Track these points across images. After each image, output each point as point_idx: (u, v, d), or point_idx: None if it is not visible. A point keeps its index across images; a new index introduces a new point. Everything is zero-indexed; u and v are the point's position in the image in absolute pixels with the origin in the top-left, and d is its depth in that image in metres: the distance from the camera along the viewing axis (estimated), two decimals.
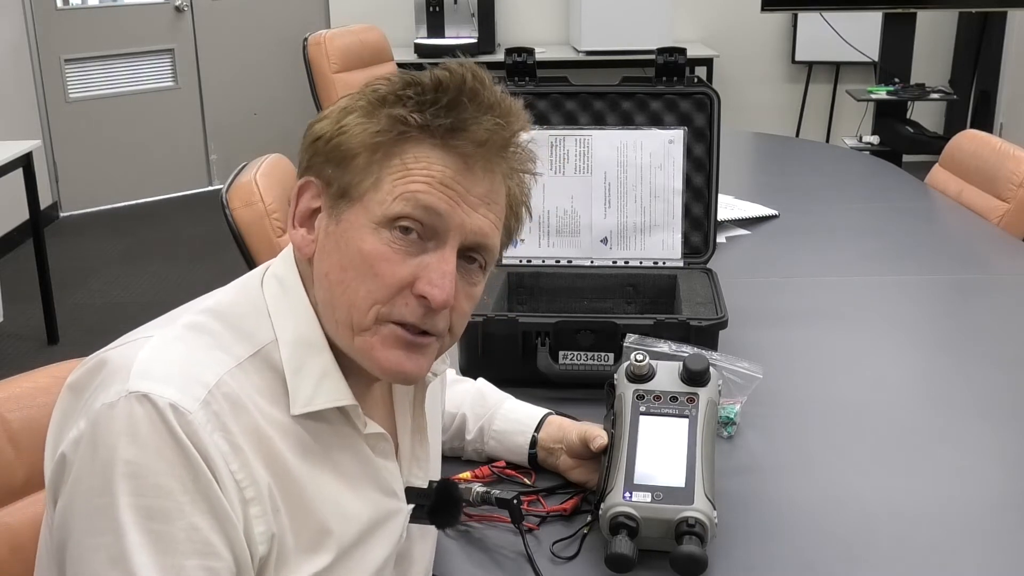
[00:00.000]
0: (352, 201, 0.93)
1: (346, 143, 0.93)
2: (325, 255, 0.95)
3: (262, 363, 0.92)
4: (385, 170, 0.92)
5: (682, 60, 1.80)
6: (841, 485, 1.32)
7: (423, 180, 0.92)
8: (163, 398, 0.84)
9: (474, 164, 0.93)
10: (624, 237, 1.79)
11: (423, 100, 0.92)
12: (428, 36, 5.35)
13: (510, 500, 1.18)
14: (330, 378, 0.95)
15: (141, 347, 0.88)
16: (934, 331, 1.89)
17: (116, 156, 5.50)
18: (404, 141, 0.92)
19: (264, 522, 0.88)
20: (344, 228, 0.93)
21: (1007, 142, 2.61)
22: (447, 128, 0.92)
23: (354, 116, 0.93)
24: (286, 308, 0.96)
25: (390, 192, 0.92)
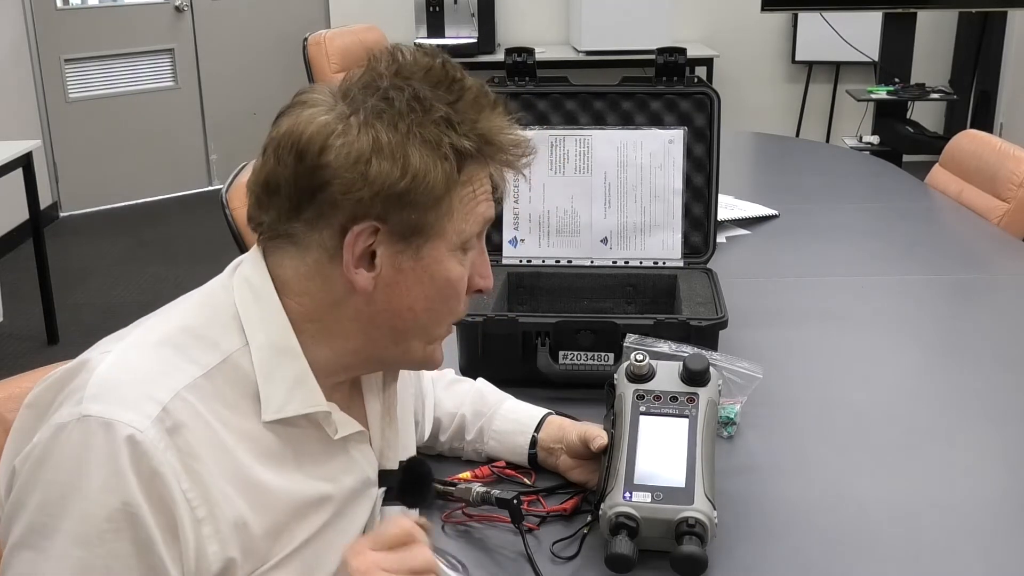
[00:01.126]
0: (431, 236, 0.94)
1: (427, 189, 0.92)
2: (402, 290, 0.96)
3: (231, 369, 0.92)
4: (455, 199, 0.95)
5: (682, 60, 1.80)
6: (841, 485, 1.32)
7: (485, 199, 0.98)
8: (114, 421, 0.83)
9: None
10: (624, 237, 1.79)
11: (455, 103, 0.94)
12: (428, 36, 5.35)
13: (510, 500, 1.18)
14: (304, 385, 0.95)
15: (98, 364, 0.88)
16: (934, 331, 1.89)
17: (116, 156, 5.50)
18: (465, 165, 0.95)
19: (217, 540, 0.88)
20: (428, 263, 0.96)
21: (1007, 142, 2.61)
22: (485, 141, 0.95)
23: (419, 156, 0.91)
24: (257, 315, 0.95)
25: (463, 219, 0.96)
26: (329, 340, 0.96)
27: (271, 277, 0.96)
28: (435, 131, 0.92)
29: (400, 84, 0.93)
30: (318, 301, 0.95)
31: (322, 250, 0.93)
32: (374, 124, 0.90)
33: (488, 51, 5.36)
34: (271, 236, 0.96)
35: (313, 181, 0.91)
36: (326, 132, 0.90)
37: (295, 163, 0.91)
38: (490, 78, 1.81)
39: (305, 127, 0.91)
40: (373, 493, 1.05)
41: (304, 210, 0.92)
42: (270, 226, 0.95)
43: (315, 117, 0.91)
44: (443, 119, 0.92)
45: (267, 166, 0.93)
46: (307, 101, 0.94)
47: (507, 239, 1.80)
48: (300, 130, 0.91)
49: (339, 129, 0.90)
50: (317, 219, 0.92)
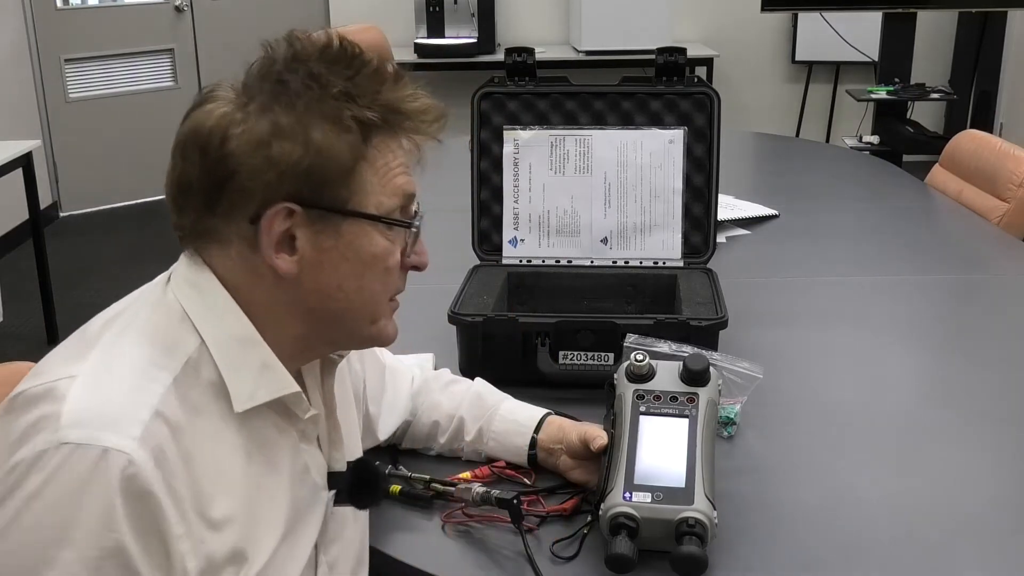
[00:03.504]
0: (348, 212, 0.94)
1: (333, 164, 0.92)
2: (328, 270, 0.95)
3: (194, 370, 0.91)
4: (366, 173, 0.94)
5: (682, 60, 1.80)
6: (841, 485, 1.32)
7: (400, 171, 0.96)
8: (99, 445, 0.81)
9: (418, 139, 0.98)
10: (624, 237, 1.79)
11: (372, 91, 0.94)
12: (428, 36, 5.35)
13: (510, 500, 1.18)
14: (271, 369, 0.95)
15: (68, 390, 0.85)
16: (934, 331, 1.89)
17: (116, 156, 5.50)
18: (370, 134, 0.94)
19: (194, 556, 0.87)
20: (350, 239, 0.94)
21: (1007, 142, 2.61)
22: (389, 110, 0.94)
23: (321, 133, 0.91)
24: (206, 309, 0.94)
25: (381, 192, 0.95)
26: (274, 329, 0.96)
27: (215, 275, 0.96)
28: (334, 105, 0.92)
29: (295, 66, 0.93)
30: (252, 292, 0.95)
31: (242, 241, 0.93)
32: (272, 108, 0.91)
33: (488, 51, 5.36)
34: (194, 237, 0.96)
35: (220, 173, 0.91)
36: (225, 123, 0.91)
37: (200, 159, 0.92)
38: (490, 78, 1.81)
39: (205, 121, 0.92)
40: (322, 497, 1.04)
41: (218, 204, 0.92)
42: (192, 228, 0.95)
43: (215, 111, 0.92)
44: (342, 93, 0.92)
45: (176, 168, 0.94)
46: (207, 98, 0.95)
47: (507, 239, 1.80)
48: (200, 125, 0.92)
49: (238, 118, 0.91)
50: (231, 210, 0.92)
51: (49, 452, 0.81)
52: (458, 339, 1.58)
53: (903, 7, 4.57)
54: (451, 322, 1.56)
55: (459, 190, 1.84)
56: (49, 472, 0.81)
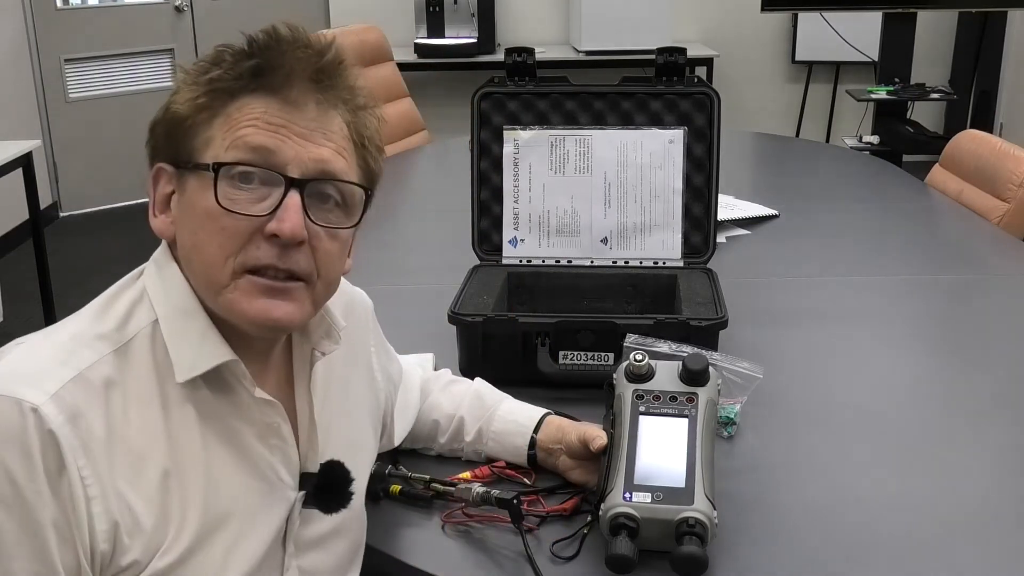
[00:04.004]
0: (194, 167, 0.94)
1: (175, 116, 0.95)
2: (181, 228, 0.97)
3: (145, 343, 0.93)
4: (214, 128, 0.95)
5: (682, 60, 1.80)
6: (841, 485, 1.32)
7: (248, 124, 0.94)
8: (10, 395, 0.84)
9: (294, 97, 0.95)
10: (624, 237, 1.79)
11: (237, 58, 0.95)
12: (428, 36, 5.35)
13: (510, 500, 1.18)
14: (208, 340, 0.95)
15: (10, 351, 0.91)
16: (934, 331, 1.89)
17: (116, 156, 5.50)
18: (225, 97, 0.95)
19: (106, 519, 0.87)
20: (189, 194, 0.95)
21: (1007, 142, 2.61)
22: (255, 70, 0.94)
23: (179, 94, 0.96)
24: (160, 287, 0.97)
25: (221, 146, 0.94)
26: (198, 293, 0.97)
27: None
28: (202, 72, 0.95)
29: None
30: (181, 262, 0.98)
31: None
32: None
33: (488, 51, 5.36)
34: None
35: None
36: None
37: None
38: (490, 78, 1.81)
39: None
40: (288, 496, 1.02)
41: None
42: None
43: None
44: (215, 60, 0.96)
45: None
46: None
47: (507, 239, 1.80)
48: None
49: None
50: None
51: None
52: (458, 339, 1.58)
53: (903, 7, 4.58)
54: (451, 322, 1.56)
55: (459, 190, 1.84)
56: None
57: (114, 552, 0.88)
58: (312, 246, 0.95)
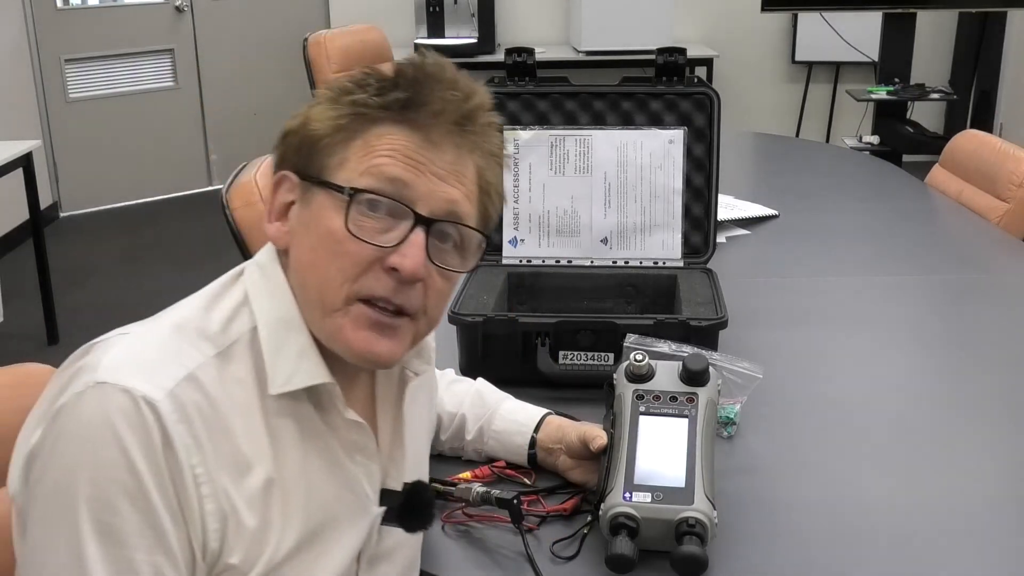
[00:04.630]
0: (324, 184, 0.94)
1: (312, 132, 0.96)
2: (298, 241, 0.97)
3: (245, 349, 0.93)
4: (350, 151, 0.95)
5: (682, 60, 1.80)
6: (841, 485, 1.32)
7: (386, 154, 0.94)
8: (130, 388, 0.84)
9: (436, 137, 0.95)
10: (624, 237, 1.79)
11: (383, 85, 0.95)
12: (428, 36, 5.35)
13: (510, 500, 1.18)
14: (307, 358, 0.95)
15: (116, 343, 0.90)
16: (934, 331, 1.89)
17: (116, 156, 5.51)
18: (366, 122, 0.95)
19: (217, 518, 0.88)
20: (314, 210, 0.95)
21: (1007, 142, 2.61)
22: (403, 103, 0.94)
23: (319, 108, 0.97)
24: (265, 292, 0.97)
25: (355, 169, 0.94)
26: (305, 314, 0.97)
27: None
28: (345, 92, 0.96)
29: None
30: (288, 273, 0.98)
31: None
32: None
33: (488, 51, 5.36)
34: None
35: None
36: None
37: None
38: (490, 78, 1.81)
39: None
40: (371, 511, 1.03)
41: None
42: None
43: None
44: (360, 82, 0.96)
45: None
46: None
47: (507, 239, 1.80)
48: None
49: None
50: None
51: (86, 392, 0.85)
52: (458, 339, 1.58)
53: (903, 7, 4.58)
54: (451, 322, 1.56)
55: None
56: (82, 409, 0.84)
57: (221, 551, 0.89)
58: (426, 284, 0.95)
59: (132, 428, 0.84)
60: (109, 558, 0.83)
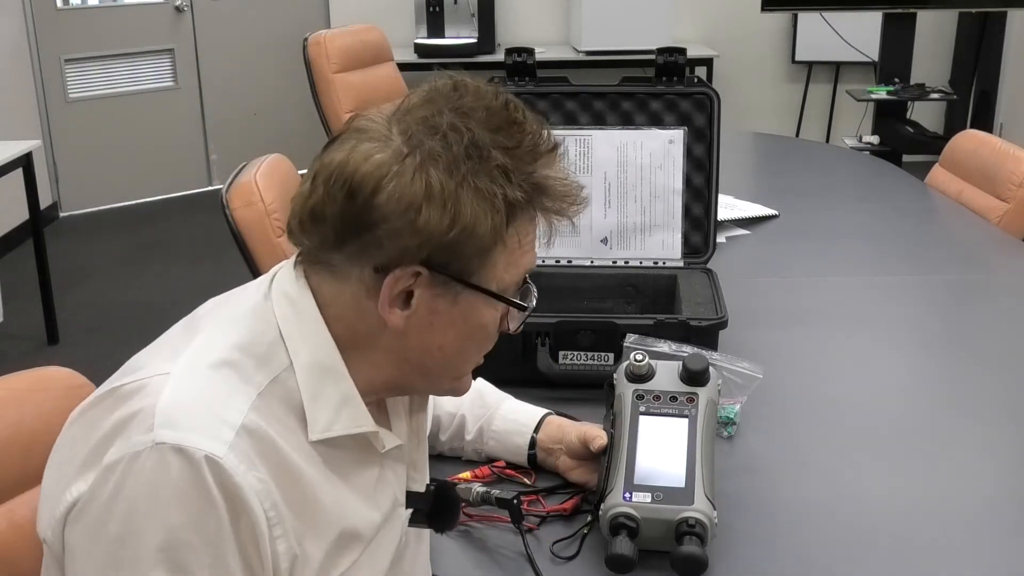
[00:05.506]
0: (471, 284, 0.93)
1: (473, 242, 0.90)
2: (435, 331, 0.94)
3: (280, 388, 0.91)
4: (501, 250, 0.93)
5: (682, 60, 1.80)
6: (841, 485, 1.32)
7: (531, 249, 0.97)
8: (193, 448, 0.82)
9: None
10: (624, 237, 1.79)
11: (514, 151, 0.91)
12: (428, 36, 5.35)
13: (510, 500, 1.18)
14: (351, 405, 0.94)
15: (161, 387, 0.86)
16: (934, 331, 1.89)
17: (116, 156, 5.50)
18: (515, 217, 0.93)
19: (288, 557, 0.88)
20: (464, 308, 0.94)
21: (1007, 142, 2.61)
22: (538, 191, 0.93)
23: (470, 203, 0.89)
24: (299, 332, 0.93)
25: (506, 270, 0.94)
26: (361, 367, 0.95)
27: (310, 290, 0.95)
28: (489, 182, 0.89)
29: (459, 126, 0.89)
30: (352, 330, 0.94)
31: (360, 284, 0.92)
32: (429, 169, 0.88)
33: (488, 51, 5.36)
34: (311, 261, 0.94)
35: (361, 220, 0.89)
36: (380, 173, 0.88)
37: (345, 200, 0.89)
38: (490, 78, 1.81)
39: (359, 164, 0.88)
40: (401, 514, 1.04)
41: (347, 244, 0.90)
42: (310, 252, 0.93)
43: (371, 154, 0.89)
44: (499, 168, 0.89)
45: (315, 195, 0.91)
46: (363, 129, 0.91)
47: None
48: (354, 167, 0.88)
49: (394, 171, 0.88)
50: (359, 255, 0.91)
51: (144, 453, 0.82)
52: None
53: (903, 7, 4.58)
54: None
55: None
56: (142, 471, 0.82)
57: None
58: None
59: (199, 489, 0.82)
60: None
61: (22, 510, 1.11)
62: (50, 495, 0.88)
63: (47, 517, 0.88)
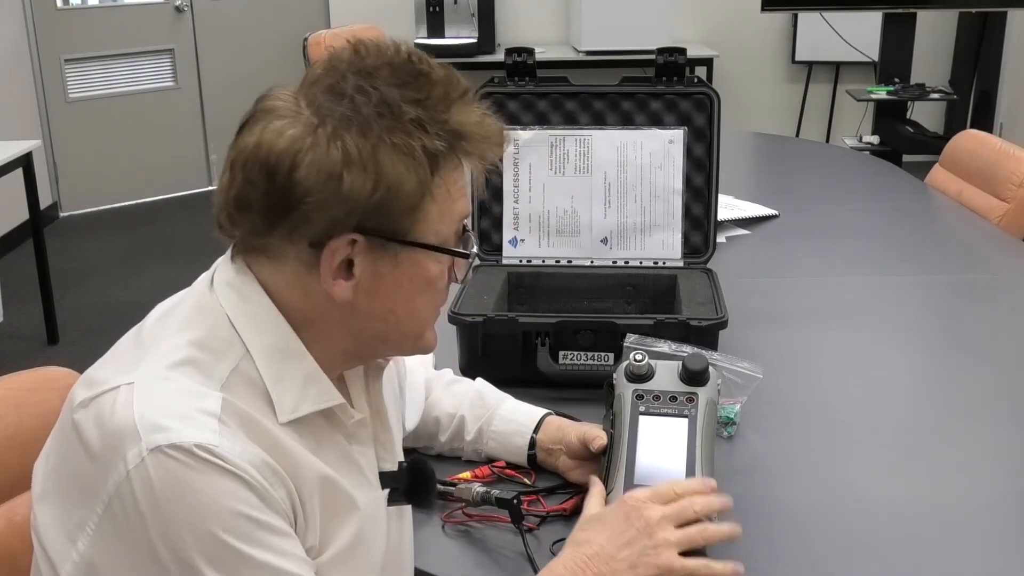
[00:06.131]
0: (407, 241, 0.93)
1: (402, 197, 0.90)
2: (382, 295, 0.94)
3: (241, 377, 0.91)
4: (431, 202, 0.93)
5: (682, 60, 1.80)
6: (841, 485, 1.32)
7: (461, 196, 0.96)
8: (188, 442, 0.83)
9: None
10: (624, 237, 1.79)
11: (425, 102, 0.91)
12: (428, 36, 5.35)
13: (510, 500, 1.18)
14: (316, 382, 0.95)
15: (130, 398, 0.86)
16: (934, 331, 1.89)
17: (116, 156, 5.51)
18: (439, 167, 0.92)
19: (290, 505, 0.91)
20: (406, 266, 0.94)
21: (1007, 142, 2.61)
22: (457, 136, 0.93)
23: (390, 161, 0.89)
24: (249, 319, 0.93)
25: (440, 220, 0.94)
26: (318, 343, 0.96)
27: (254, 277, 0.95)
28: (405, 137, 0.89)
29: (366, 87, 0.89)
30: (302, 309, 0.94)
31: (299, 263, 0.92)
32: (342, 135, 0.88)
33: (488, 51, 5.36)
34: (245, 250, 0.94)
35: (285, 199, 0.88)
36: (295, 148, 0.87)
37: (265, 182, 0.88)
38: (490, 78, 1.81)
39: (273, 143, 0.88)
40: (379, 495, 1.04)
41: (277, 226, 0.90)
42: (244, 241, 0.93)
43: (283, 131, 0.88)
44: (413, 121, 0.89)
45: (234, 184, 0.91)
46: (271, 110, 0.91)
47: (507, 239, 1.80)
48: (268, 147, 0.88)
49: (308, 143, 0.88)
50: (291, 233, 0.90)
51: (144, 462, 0.83)
52: (458, 339, 1.58)
53: (903, 7, 4.58)
54: (451, 322, 1.56)
55: None
56: (151, 479, 0.82)
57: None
58: None
59: (208, 477, 0.83)
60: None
61: (22, 510, 1.11)
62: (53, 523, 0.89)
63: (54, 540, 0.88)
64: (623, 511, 1.04)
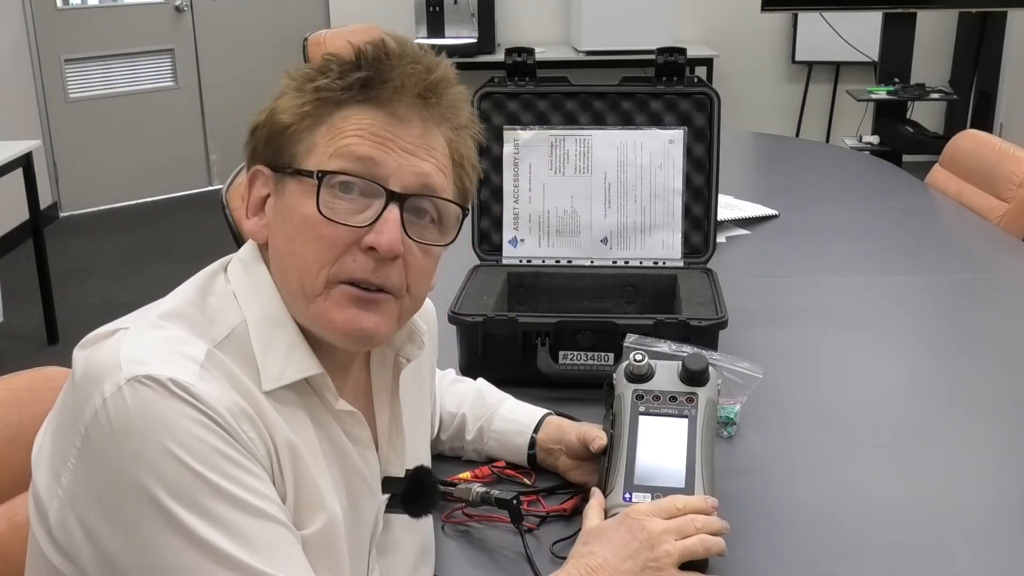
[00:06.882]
0: (294, 172, 0.95)
1: (279, 122, 0.96)
2: (276, 233, 0.97)
3: (234, 345, 0.93)
4: (317, 136, 0.95)
5: (682, 60, 1.80)
6: (841, 485, 1.32)
7: (353, 134, 0.94)
8: (165, 376, 0.84)
9: (401, 111, 0.95)
10: (624, 237, 1.79)
11: (344, 68, 0.95)
12: (428, 36, 5.35)
13: (510, 500, 1.18)
14: (297, 350, 0.95)
15: (120, 339, 0.89)
16: (934, 331, 1.89)
17: (116, 156, 5.51)
18: (331, 106, 0.95)
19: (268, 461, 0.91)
20: (288, 200, 0.95)
21: (1007, 142, 2.61)
22: (364, 82, 0.94)
23: (284, 99, 0.96)
24: (250, 289, 0.97)
25: (324, 153, 0.94)
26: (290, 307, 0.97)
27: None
28: (308, 77, 0.96)
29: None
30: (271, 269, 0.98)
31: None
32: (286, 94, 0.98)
33: (488, 51, 5.36)
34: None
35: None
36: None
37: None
38: (490, 78, 1.81)
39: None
40: (376, 498, 1.04)
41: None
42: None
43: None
44: (319, 70, 0.96)
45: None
46: None
47: (507, 239, 1.80)
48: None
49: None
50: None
51: (121, 390, 0.84)
52: (458, 339, 1.58)
53: (903, 7, 4.58)
54: (451, 322, 1.56)
55: None
56: (130, 407, 0.83)
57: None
58: (405, 261, 0.95)
59: (181, 407, 0.84)
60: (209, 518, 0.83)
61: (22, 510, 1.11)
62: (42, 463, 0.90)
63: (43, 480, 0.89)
64: (626, 524, 1.05)
